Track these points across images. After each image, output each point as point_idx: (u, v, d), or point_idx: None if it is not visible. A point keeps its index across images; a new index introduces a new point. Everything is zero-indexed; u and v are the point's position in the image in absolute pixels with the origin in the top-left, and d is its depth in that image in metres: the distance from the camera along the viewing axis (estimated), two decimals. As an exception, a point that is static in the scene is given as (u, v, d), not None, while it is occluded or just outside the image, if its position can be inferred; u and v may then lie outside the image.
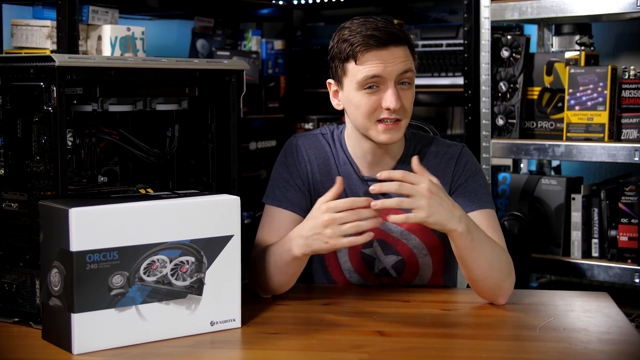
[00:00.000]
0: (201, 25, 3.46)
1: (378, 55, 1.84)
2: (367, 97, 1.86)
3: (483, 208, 1.92)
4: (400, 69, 1.85)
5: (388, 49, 1.84)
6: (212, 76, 1.87)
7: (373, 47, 1.83)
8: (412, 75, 1.89)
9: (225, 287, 1.67)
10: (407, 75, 1.86)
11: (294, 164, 2.01)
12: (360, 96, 1.87)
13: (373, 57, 1.84)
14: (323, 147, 2.03)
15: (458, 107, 3.43)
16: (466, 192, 1.93)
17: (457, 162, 1.96)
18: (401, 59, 1.85)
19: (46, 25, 2.59)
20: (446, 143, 2.01)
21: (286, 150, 2.04)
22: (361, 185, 1.98)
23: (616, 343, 1.60)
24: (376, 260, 2.01)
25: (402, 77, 1.86)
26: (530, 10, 2.82)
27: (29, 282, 1.69)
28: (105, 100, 1.81)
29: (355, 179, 1.99)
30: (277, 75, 3.60)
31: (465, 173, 1.96)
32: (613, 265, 2.75)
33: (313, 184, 2.00)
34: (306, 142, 2.03)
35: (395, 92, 1.84)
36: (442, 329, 1.70)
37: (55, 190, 1.63)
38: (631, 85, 2.72)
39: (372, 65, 1.84)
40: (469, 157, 1.99)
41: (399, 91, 1.85)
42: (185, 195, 1.69)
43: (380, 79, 1.84)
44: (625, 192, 2.74)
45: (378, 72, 1.84)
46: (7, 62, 1.71)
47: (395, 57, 1.85)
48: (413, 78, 1.89)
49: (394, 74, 1.84)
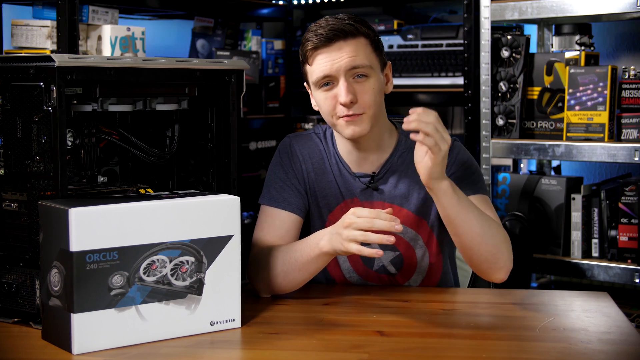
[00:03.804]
0: (201, 25, 3.46)
1: (326, 53, 1.88)
2: (325, 95, 1.91)
3: (477, 193, 1.95)
4: (347, 64, 1.87)
5: (334, 46, 1.87)
6: (212, 76, 1.87)
7: (319, 46, 1.88)
8: (369, 69, 1.89)
9: (225, 287, 1.67)
10: (359, 70, 1.88)
11: (289, 164, 2.02)
12: (320, 96, 1.92)
13: (321, 56, 1.88)
14: (317, 146, 2.04)
15: (458, 107, 3.42)
16: (459, 180, 1.95)
17: (450, 153, 1.98)
18: (349, 53, 1.87)
19: (46, 25, 2.59)
20: None
21: (280, 150, 2.05)
22: (354, 182, 2.00)
23: (616, 343, 1.60)
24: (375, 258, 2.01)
25: (353, 71, 1.88)
26: (530, 10, 2.82)
27: (29, 282, 1.69)
28: (105, 100, 1.81)
29: (348, 177, 2.01)
30: (277, 75, 3.60)
31: (457, 163, 1.98)
32: (613, 265, 2.75)
33: (309, 183, 2.02)
34: (300, 142, 2.05)
35: (347, 87, 1.87)
36: (442, 329, 1.70)
37: (55, 190, 1.63)
38: (631, 85, 2.72)
39: (320, 64, 1.88)
40: (461, 149, 2.02)
41: (353, 85, 1.88)
42: (185, 195, 1.69)
43: (331, 77, 1.88)
44: (625, 192, 2.74)
45: (326, 72, 1.88)
46: (7, 62, 1.71)
47: (343, 52, 1.87)
48: (371, 70, 1.90)
49: (341, 70, 1.87)
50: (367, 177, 2.00)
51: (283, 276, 1.85)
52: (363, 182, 2.00)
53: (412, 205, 1.99)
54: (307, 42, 1.90)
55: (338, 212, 2.00)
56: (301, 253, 1.83)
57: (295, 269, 1.84)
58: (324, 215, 2.03)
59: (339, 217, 2.00)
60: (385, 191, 1.99)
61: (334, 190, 2.02)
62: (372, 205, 1.99)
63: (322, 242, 1.79)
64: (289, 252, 1.85)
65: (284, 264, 1.85)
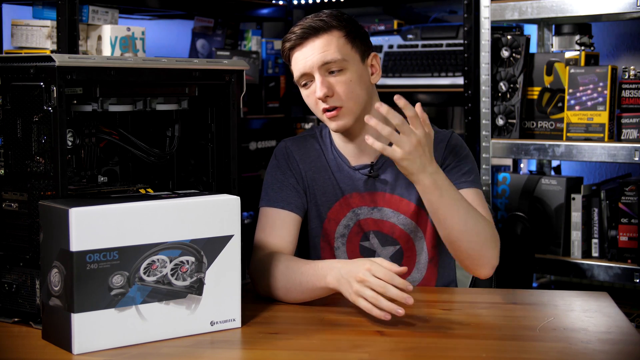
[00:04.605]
0: (201, 25, 3.46)
1: (300, 52, 1.93)
2: (307, 93, 1.96)
3: (470, 187, 1.95)
4: (319, 60, 1.90)
5: (307, 44, 1.92)
6: (212, 76, 1.87)
7: (295, 45, 1.93)
8: (342, 62, 1.91)
9: (225, 287, 1.67)
10: (332, 64, 1.91)
11: (285, 165, 2.04)
12: (303, 94, 1.97)
13: (296, 55, 1.94)
14: (312, 146, 2.06)
15: (458, 107, 3.43)
16: (455, 172, 1.96)
17: (447, 145, 2.00)
18: (320, 49, 1.91)
19: (46, 25, 2.59)
20: (436, 129, 2.03)
21: (277, 154, 2.07)
22: (354, 174, 2.02)
23: (616, 343, 1.60)
24: (375, 254, 2.02)
25: (326, 67, 1.91)
26: (530, 10, 2.82)
27: (29, 282, 1.69)
28: (105, 100, 1.81)
29: (347, 170, 2.03)
30: (277, 75, 3.60)
31: (454, 155, 1.99)
32: (613, 265, 2.75)
33: (307, 181, 2.03)
34: (296, 143, 2.08)
35: (321, 81, 1.90)
36: (442, 329, 1.69)
37: (55, 190, 1.63)
38: (631, 85, 2.72)
39: (297, 63, 1.94)
40: (458, 141, 2.03)
41: (329, 79, 1.91)
42: (185, 195, 1.69)
43: (307, 74, 1.92)
44: (625, 192, 2.74)
45: (301, 70, 1.93)
46: (7, 62, 1.71)
47: (314, 49, 1.91)
48: (345, 62, 1.91)
49: (314, 67, 1.91)
50: (366, 167, 2.01)
51: (285, 292, 1.83)
52: (363, 173, 2.01)
53: (412, 196, 1.99)
54: (285, 42, 1.95)
55: (337, 208, 2.01)
56: (306, 278, 1.78)
57: (298, 291, 1.81)
58: (323, 213, 2.03)
59: (337, 213, 2.01)
60: (388, 181, 2.00)
61: (332, 187, 2.02)
62: (375, 196, 2.00)
63: (330, 279, 1.73)
64: (293, 272, 1.80)
65: (287, 280, 1.81)
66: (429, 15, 3.51)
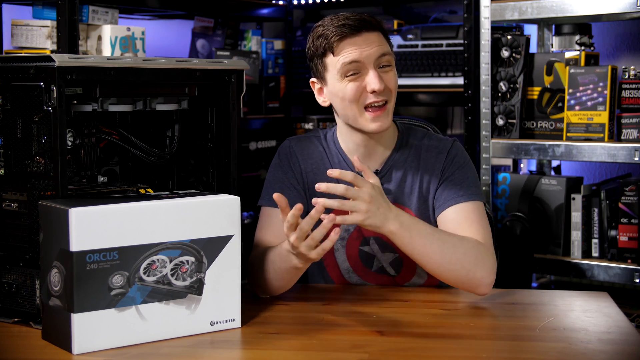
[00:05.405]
0: (201, 25, 3.46)
1: (352, 42, 1.89)
2: (351, 84, 1.90)
3: (469, 200, 1.94)
4: (377, 52, 1.90)
5: (361, 35, 1.89)
6: (212, 76, 1.87)
7: (347, 35, 1.89)
8: (391, 59, 1.93)
9: (225, 287, 1.67)
10: (385, 58, 1.91)
11: (287, 164, 2.03)
12: (344, 85, 1.91)
13: (348, 44, 1.89)
14: (316, 148, 2.05)
15: (458, 107, 3.43)
16: (454, 184, 1.95)
17: (448, 155, 1.99)
18: (376, 43, 1.90)
19: (46, 25, 2.59)
20: (438, 137, 2.04)
21: (280, 153, 2.06)
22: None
23: (616, 343, 1.60)
24: (375, 259, 2.01)
25: (380, 60, 1.91)
26: (530, 10, 2.82)
27: (29, 282, 1.69)
28: (105, 100, 1.81)
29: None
30: (277, 75, 3.60)
31: (454, 165, 1.98)
32: (613, 265, 2.75)
33: (307, 182, 2.02)
34: (300, 143, 2.06)
35: (377, 74, 1.89)
36: (442, 329, 1.70)
37: (55, 190, 1.63)
38: (631, 85, 2.72)
39: (348, 52, 1.89)
40: (459, 151, 2.01)
41: (380, 73, 1.90)
42: (185, 195, 1.69)
43: (360, 64, 1.89)
44: (625, 192, 2.74)
45: (356, 57, 1.89)
46: (7, 62, 1.71)
47: (370, 42, 1.90)
48: (392, 61, 1.94)
49: (371, 57, 1.89)
50: None
51: (270, 281, 1.85)
52: None
53: (413, 204, 1.99)
54: (332, 33, 1.90)
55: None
56: (279, 264, 1.81)
57: (277, 277, 1.83)
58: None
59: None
60: (392, 189, 1.99)
61: None
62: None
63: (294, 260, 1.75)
64: (270, 261, 1.83)
65: (268, 270, 1.84)
66: (429, 15, 3.51)
